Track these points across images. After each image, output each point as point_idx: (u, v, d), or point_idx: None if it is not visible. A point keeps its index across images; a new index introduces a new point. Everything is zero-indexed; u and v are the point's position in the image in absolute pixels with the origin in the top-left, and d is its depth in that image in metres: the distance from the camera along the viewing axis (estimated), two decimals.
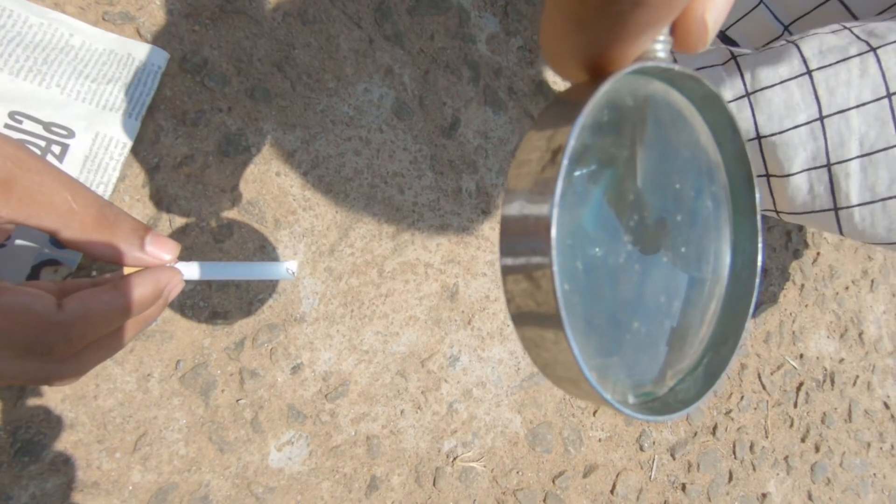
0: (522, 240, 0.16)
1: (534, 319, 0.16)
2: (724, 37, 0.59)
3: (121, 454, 0.42)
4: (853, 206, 0.39)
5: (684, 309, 0.21)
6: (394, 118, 0.55)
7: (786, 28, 0.53)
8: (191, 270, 0.27)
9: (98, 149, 0.43)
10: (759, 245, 0.22)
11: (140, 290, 0.24)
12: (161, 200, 0.45)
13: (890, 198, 0.38)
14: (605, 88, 0.15)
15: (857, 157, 0.38)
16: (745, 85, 0.42)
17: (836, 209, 0.40)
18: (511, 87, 0.61)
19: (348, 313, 0.51)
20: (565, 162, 0.15)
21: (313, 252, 0.50)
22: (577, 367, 0.15)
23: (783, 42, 0.42)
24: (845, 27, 0.41)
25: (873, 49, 0.38)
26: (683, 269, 0.21)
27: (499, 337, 0.57)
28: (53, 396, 0.41)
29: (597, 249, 0.18)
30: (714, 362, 0.22)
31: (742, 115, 0.41)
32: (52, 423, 0.41)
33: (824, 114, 0.39)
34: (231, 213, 0.48)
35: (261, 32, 0.50)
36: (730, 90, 0.41)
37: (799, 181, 0.41)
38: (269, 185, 0.49)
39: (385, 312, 0.52)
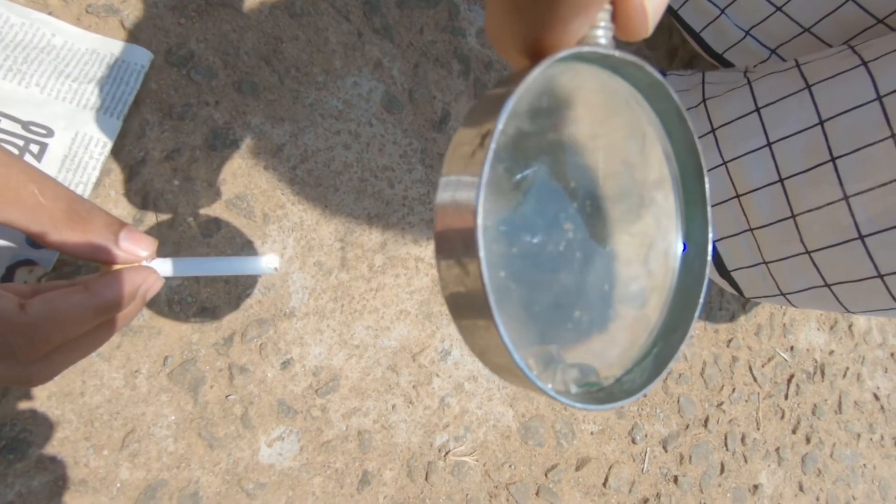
0: (452, 225, 0.16)
1: (466, 305, 0.16)
2: (720, 59, 0.64)
3: (108, 451, 0.42)
4: (804, 213, 0.46)
5: (629, 299, 0.21)
6: (383, 112, 0.54)
7: (772, 52, 0.59)
8: (168, 267, 0.26)
9: (77, 148, 0.42)
10: (710, 235, 0.22)
11: (112, 290, 0.23)
12: (147, 195, 0.45)
13: (834, 202, 0.44)
14: (536, 73, 0.15)
15: (802, 171, 0.46)
16: (710, 123, 0.52)
17: (794, 216, 0.48)
18: (501, 80, 0.61)
19: (339, 308, 0.50)
20: (493, 146, 0.15)
21: (302, 247, 0.50)
22: (508, 353, 0.15)
23: (744, 82, 0.51)
24: (797, 64, 0.49)
25: (809, 86, 0.46)
26: (629, 258, 0.21)
27: None
28: (39, 394, 0.41)
29: (535, 236, 0.18)
30: (664, 352, 0.22)
31: (709, 147, 0.52)
32: (37, 421, 0.40)
33: (771, 140, 0.47)
34: (219, 208, 0.47)
35: (248, 25, 0.50)
36: (699, 128, 0.53)
37: (762, 195, 0.49)
38: (258, 180, 0.49)
39: (376, 307, 0.52)
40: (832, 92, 0.44)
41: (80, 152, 0.42)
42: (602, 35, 0.17)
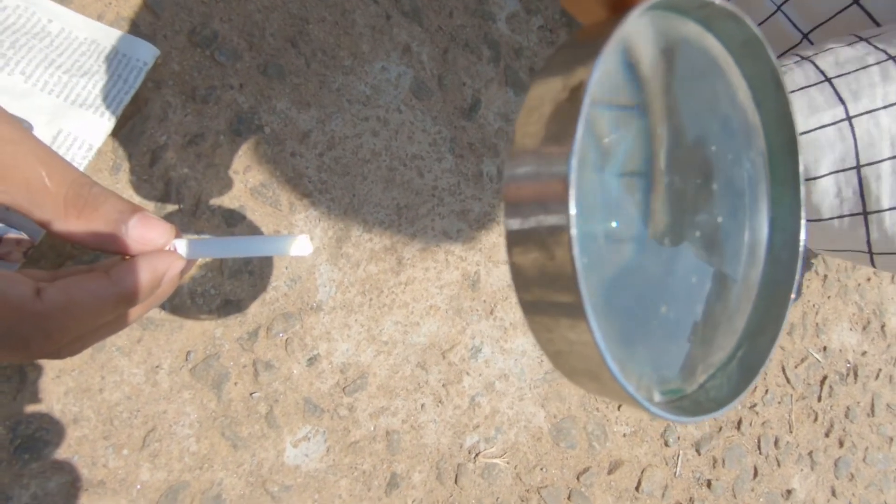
0: (533, 196, 0.13)
1: (546, 297, 0.14)
2: None
3: (128, 451, 0.40)
4: (884, 210, 0.38)
5: (717, 293, 0.19)
6: (412, 98, 0.52)
7: (805, 36, 0.51)
8: (193, 249, 0.24)
9: (59, 148, 0.37)
10: (802, 221, 0.19)
11: (134, 277, 0.21)
12: (170, 181, 0.42)
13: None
14: (633, 16, 0.13)
15: (890, 158, 0.37)
16: None
17: (865, 213, 0.39)
18: (532, 67, 0.58)
19: (367, 302, 0.48)
20: (587, 98, 0.12)
21: (330, 237, 0.47)
22: (597, 355, 0.13)
23: (797, 58, 0.41)
24: (862, 39, 0.40)
25: (892, 57, 0.37)
26: (717, 246, 0.19)
27: (522, 328, 0.54)
28: (56, 389, 0.38)
29: (620, 216, 0.16)
30: (749, 355, 0.19)
31: None
32: (54, 418, 0.38)
33: (851, 114, 0.37)
34: (243, 196, 0.45)
35: (273, 5, 0.47)
36: None
37: (826, 184, 0.39)
38: (284, 167, 0.46)
39: (405, 301, 0.50)
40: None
41: (60, 153, 0.36)
42: None
